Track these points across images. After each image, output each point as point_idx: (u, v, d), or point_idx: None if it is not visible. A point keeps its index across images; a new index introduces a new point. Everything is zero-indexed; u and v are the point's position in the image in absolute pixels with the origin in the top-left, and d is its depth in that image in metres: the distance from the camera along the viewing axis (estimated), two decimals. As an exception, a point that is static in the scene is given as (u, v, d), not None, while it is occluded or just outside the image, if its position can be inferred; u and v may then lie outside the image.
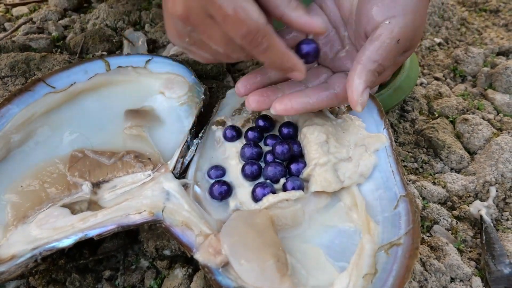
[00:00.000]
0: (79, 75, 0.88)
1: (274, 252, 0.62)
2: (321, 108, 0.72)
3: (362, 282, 0.60)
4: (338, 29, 0.76)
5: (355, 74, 0.65)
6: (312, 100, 0.70)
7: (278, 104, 0.69)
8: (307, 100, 0.70)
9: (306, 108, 0.70)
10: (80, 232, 0.64)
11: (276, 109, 0.69)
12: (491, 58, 1.19)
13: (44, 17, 1.30)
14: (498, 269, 0.73)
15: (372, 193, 0.73)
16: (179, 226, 0.66)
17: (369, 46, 0.65)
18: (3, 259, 0.63)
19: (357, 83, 0.64)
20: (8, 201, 0.72)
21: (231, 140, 0.79)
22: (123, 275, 0.73)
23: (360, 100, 0.65)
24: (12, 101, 0.80)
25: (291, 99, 0.69)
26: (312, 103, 0.70)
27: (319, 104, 0.71)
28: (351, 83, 0.65)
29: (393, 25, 0.65)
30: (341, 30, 0.76)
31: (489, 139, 0.96)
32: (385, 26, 0.65)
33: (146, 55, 0.94)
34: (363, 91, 0.65)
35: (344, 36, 0.76)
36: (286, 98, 0.69)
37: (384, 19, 0.65)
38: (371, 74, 0.65)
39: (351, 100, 0.65)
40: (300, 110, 0.69)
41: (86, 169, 0.76)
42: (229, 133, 0.79)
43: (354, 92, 0.65)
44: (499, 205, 0.86)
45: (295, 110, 0.69)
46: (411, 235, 0.64)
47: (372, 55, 0.65)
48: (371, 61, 0.65)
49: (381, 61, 0.65)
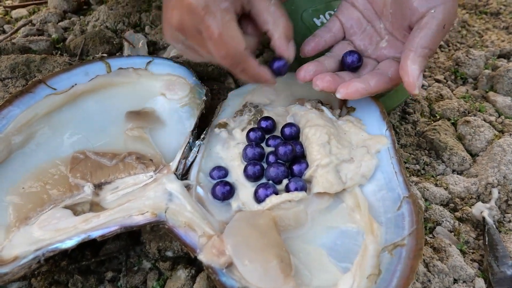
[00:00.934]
0: (80, 77, 0.87)
1: (278, 253, 0.61)
2: (378, 92, 0.78)
3: (366, 282, 0.60)
4: (373, 23, 0.84)
5: (409, 61, 0.72)
6: (372, 84, 0.76)
7: (344, 88, 0.75)
8: (367, 85, 0.76)
9: (368, 92, 0.76)
10: (83, 233, 0.64)
11: (342, 93, 0.75)
12: (492, 60, 1.19)
13: (43, 19, 1.29)
14: (501, 270, 0.73)
15: (375, 194, 0.73)
16: (182, 227, 0.66)
17: (418, 34, 0.73)
18: (6, 260, 0.63)
19: (413, 69, 0.71)
20: (10, 203, 0.71)
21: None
22: (125, 277, 0.73)
23: (417, 83, 0.71)
24: (13, 103, 0.79)
25: (355, 84, 0.75)
26: (372, 86, 0.76)
27: (377, 88, 0.77)
28: (406, 69, 0.72)
29: (438, 13, 0.72)
30: (377, 23, 0.84)
31: (491, 141, 0.96)
32: (430, 14, 0.72)
33: (147, 57, 0.94)
34: (418, 76, 0.72)
35: (381, 28, 0.83)
36: (350, 83, 0.76)
37: (428, 9, 0.72)
38: (423, 59, 0.72)
39: (409, 84, 0.72)
40: (363, 94, 0.76)
41: (88, 171, 0.76)
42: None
43: (410, 77, 0.71)
44: (501, 207, 0.86)
45: (359, 93, 0.75)
46: (414, 236, 0.64)
47: (422, 42, 0.72)
48: (422, 48, 0.72)
49: (431, 46, 0.73)
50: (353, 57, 0.80)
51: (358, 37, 0.85)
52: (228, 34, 0.68)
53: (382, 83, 0.77)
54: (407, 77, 0.71)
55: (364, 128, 0.80)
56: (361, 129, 0.79)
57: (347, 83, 0.76)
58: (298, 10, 0.97)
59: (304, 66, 0.80)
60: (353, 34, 0.86)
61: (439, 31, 0.72)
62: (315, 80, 0.77)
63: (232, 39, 0.68)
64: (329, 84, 0.76)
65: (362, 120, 0.82)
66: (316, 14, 0.97)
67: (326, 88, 0.76)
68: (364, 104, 0.83)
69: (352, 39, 0.86)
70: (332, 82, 0.76)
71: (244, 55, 0.70)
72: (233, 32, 0.69)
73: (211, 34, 0.67)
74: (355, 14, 0.85)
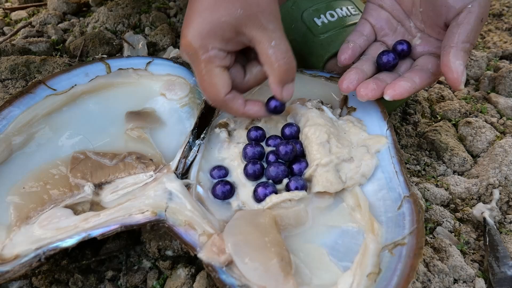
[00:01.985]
0: (80, 78, 0.87)
1: (278, 251, 0.61)
2: (423, 88, 0.80)
3: (366, 281, 0.60)
4: (403, 22, 0.86)
5: (452, 57, 0.72)
6: (417, 81, 0.77)
7: (391, 90, 0.76)
8: (413, 82, 0.77)
9: (415, 89, 0.77)
10: (83, 232, 0.64)
11: (390, 94, 0.76)
12: (494, 61, 1.19)
13: (43, 21, 1.30)
14: (501, 271, 0.73)
15: (376, 194, 0.73)
16: (182, 226, 0.66)
17: (457, 30, 0.73)
18: (7, 259, 0.63)
19: (457, 64, 0.72)
20: (11, 202, 0.71)
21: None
22: (125, 276, 0.73)
23: (462, 79, 0.72)
24: (14, 103, 0.79)
25: (401, 84, 0.76)
26: (417, 83, 0.77)
27: (422, 84, 0.78)
28: (449, 65, 0.72)
29: (475, 7, 0.73)
30: (406, 22, 0.85)
31: (492, 142, 0.96)
32: (468, 10, 0.74)
33: (147, 57, 0.94)
34: (463, 71, 0.72)
35: (411, 27, 0.85)
36: (396, 84, 0.76)
37: (464, 5, 0.74)
38: (465, 54, 0.73)
39: (454, 80, 0.72)
40: (410, 92, 0.76)
41: (88, 171, 0.76)
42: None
43: (455, 73, 0.72)
44: (502, 208, 0.86)
45: (407, 92, 0.76)
46: (415, 235, 0.63)
47: (462, 37, 0.73)
48: (463, 43, 0.73)
49: (472, 41, 0.74)
50: (388, 56, 0.82)
51: (390, 37, 0.86)
52: (210, 81, 0.74)
53: (426, 79, 0.78)
54: (452, 74, 0.72)
55: (365, 128, 0.80)
56: (361, 129, 0.79)
57: (393, 84, 0.76)
58: (299, 9, 0.97)
59: (345, 76, 0.80)
60: (385, 35, 0.87)
61: (477, 25, 0.73)
62: (358, 90, 0.78)
63: (213, 86, 0.74)
64: (374, 92, 0.77)
65: (363, 120, 0.82)
66: (316, 13, 0.98)
67: (372, 97, 0.77)
68: (365, 104, 0.83)
69: (384, 40, 0.87)
70: (377, 89, 0.77)
71: (224, 101, 0.75)
72: (214, 80, 0.73)
73: (200, 78, 0.75)
74: (384, 15, 0.86)
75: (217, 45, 0.72)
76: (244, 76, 0.78)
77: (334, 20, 0.98)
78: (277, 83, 0.73)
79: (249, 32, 0.71)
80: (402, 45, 0.82)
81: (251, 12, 0.69)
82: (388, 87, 0.76)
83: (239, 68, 0.78)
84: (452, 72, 0.72)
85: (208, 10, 0.71)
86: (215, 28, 0.71)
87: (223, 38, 0.71)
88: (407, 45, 0.82)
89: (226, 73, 0.74)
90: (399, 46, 0.83)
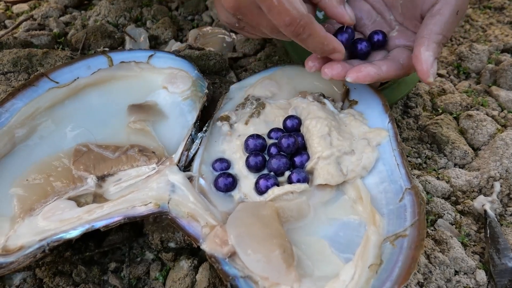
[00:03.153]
0: (82, 70, 0.88)
1: (280, 243, 0.62)
2: (389, 78, 0.77)
3: (367, 272, 0.60)
4: (383, 15, 0.85)
5: (422, 48, 0.71)
6: (383, 69, 0.75)
7: (355, 72, 0.74)
8: (379, 69, 0.75)
9: (380, 76, 0.75)
10: (87, 223, 0.64)
11: (353, 77, 0.74)
12: (495, 55, 1.19)
13: (45, 14, 1.29)
14: (502, 263, 0.74)
15: (377, 186, 0.73)
16: (185, 218, 0.67)
17: (431, 21, 0.72)
18: (12, 250, 0.64)
19: (427, 55, 0.70)
20: (14, 195, 0.72)
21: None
22: (128, 267, 0.73)
23: (431, 71, 0.70)
24: (16, 96, 0.80)
25: (366, 68, 0.74)
26: (384, 71, 0.75)
27: (388, 73, 0.76)
28: (419, 56, 0.71)
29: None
30: (387, 15, 0.84)
31: (493, 135, 0.96)
32: (443, 1, 0.73)
33: (149, 51, 0.94)
34: (432, 63, 0.71)
35: (391, 19, 0.84)
36: (361, 68, 0.74)
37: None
38: (437, 46, 0.71)
39: (422, 72, 0.71)
40: (374, 78, 0.74)
41: (91, 163, 0.76)
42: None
43: (424, 64, 0.70)
44: (503, 200, 0.86)
45: (370, 77, 0.74)
46: (416, 227, 0.64)
47: (435, 28, 0.71)
48: (436, 34, 0.71)
49: (445, 33, 0.72)
50: (361, 44, 0.81)
51: (368, 28, 0.86)
52: (288, 0, 0.67)
53: (394, 69, 0.76)
54: (421, 65, 0.71)
55: (366, 122, 0.80)
56: (362, 122, 0.80)
57: (357, 67, 0.75)
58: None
59: (312, 56, 0.79)
60: (363, 25, 0.86)
61: (452, 17, 0.72)
62: (323, 68, 0.76)
63: (293, 4, 0.67)
64: (339, 71, 0.75)
65: (365, 113, 0.82)
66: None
67: (335, 76, 0.75)
68: (366, 97, 0.83)
69: (362, 30, 0.86)
70: (342, 69, 0.75)
71: (308, 18, 0.68)
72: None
73: (270, 4, 0.67)
74: (366, 7, 0.86)
75: None
76: None
77: None
78: (339, 3, 0.74)
79: None
80: (377, 35, 0.82)
81: None
82: (352, 69, 0.75)
83: None
84: (421, 64, 0.70)
85: None
86: None
87: None
88: (382, 35, 0.82)
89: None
90: (375, 36, 0.82)
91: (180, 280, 0.70)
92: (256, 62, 1.10)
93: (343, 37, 0.79)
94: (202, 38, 1.16)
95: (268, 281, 0.59)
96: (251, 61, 1.12)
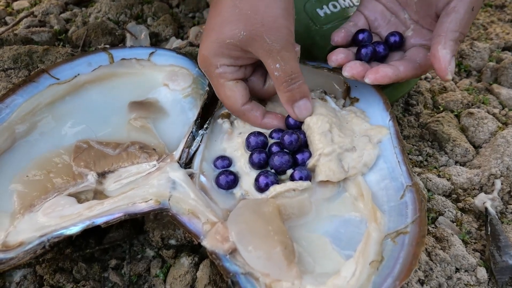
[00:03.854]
0: (83, 67, 0.87)
1: (282, 240, 0.62)
2: (408, 78, 0.78)
3: (368, 269, 0.60)
4: (397, 14, 0.85)
5: (440, 45, 0.71)
6: (401, 69, 0.76)
7: (373, 74, 0.75)
8: (396, 70, 0.76)
9: (398, 77, 0.76)
10: (87, 220, 0.64)
11: (371, 78, 0.75)
12: (496, 53, 1.18)
13: (45, 11, 1.29)
14: (503, 260, 0.74)
15: (378, 184, 0.73)
16: (186, 215, 0.67)
17: (446, 18, 0.72)
18: (12, 246, 0.63)
19: (444, 53, 0.70)
20: (14, 190, 0.72)
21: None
22: (129, 264, 0.73)
23: (449, 68, 0.70)
24: (17, 92, 0.80)
25: (384, 68, 0.75)
26: (401, 71, 0.76)
27: (406, 73, 0.76)
28: (436, 54, 0.71)
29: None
30: (401, 14, 0.85)
31: (494, 132, 0.96)
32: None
33: (150, 48, 0.94)
34: (450, 60, 0.70)
35: (405, 18, 0.84)
36: (379, 69, 0.76)
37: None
38: (454, 43, 0.71)
39: (440, 69, 0.70)
40: (392, 79, 0.75)
41: (91, 160, 0.76)
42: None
43: (442, 62, 0.70)
44: (504, 198, 0.86)
45: (389, 78, 0.75)
46: (417, 224, 0.64)
47: (452, 26, 0.71)
48: (452, 32, 0.71)
49: (461, 30, 0.72)
50: (379, 47, 0.82)
51: (383, 28, 0.86)
52: (224, 94, 0.77)
53: (411, 69, 0.77)
54: (438, 63, 0.70)
55: (367, 119, 0.80)
56: (364, 119, 0.80)
57: (375, 68, 0.76)
58: (301, 0, 0.97)
59: (336, 51, 0.81)
60: (378, 26, 0.87)
61: (468, 14, 0.72)
62: (345, 67, 0.78)
63: (228, 99, 0.77)
64: (359, 71, 0.77)
65: (366, 111, 0.82)
66: (319, 4, 0.97)
67: (356, 75, 0.77)
68: (367, 95, 0.83)
69: (378, 32, 0.87)
70: (362, 69, 0.77)
71: (242, 111, 0.78)
72: (228, 92, 0.77)
73: (217, 91, 0.79)
74: (379, 7, 0.86)
75: (226, 62, 0.75)
76: (264, 84, 0.81)
77: (337, 11, 0.97)
78: (286, 103, 0.77)
79: (255, 52, 0.72)
80: (394, 36, 0.83)
81: (255, 33, 0.70)
82: (370, 70, 0.76)
83: (260, 76, 0.80)
84: (439, 61, 0.70)
85: (214, 31, 0.73)
86: (221, 48, 0.73)
87: (230, 56, 0.74)
88: (399, 36, 0.82)
89: (240, 85, 0.77)
90: (392, 37, 0.83)
91: (180, 277, 0.70)
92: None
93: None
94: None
95: (269, 277, 0.59)
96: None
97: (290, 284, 0.59)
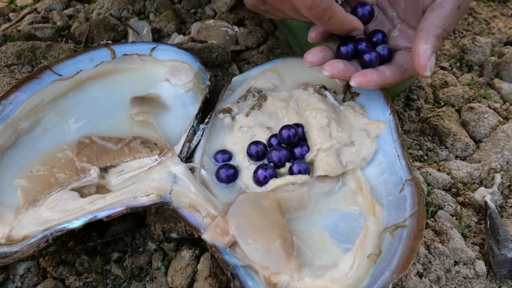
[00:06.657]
0: (85, 63, 0.88)
1: (281, 233, 0.62)
2: (394, 83, 0.76)
3: (366, 262, 0.61)
4: (385, 11, 0.83)
5: (421, 41, 0.69)
6: (387, 74, 0.75)
7: (359, 77, 0.74)
8: (383, 75, 0.75)
9: (384, 82, 0.75)
10: (90, 213, 0.65)
11: (357, 81, 0.73)
12: (498, 47, 1.18)
13: (48, 7, 1.30)
14: (501, 253, 0.74)
15: (377, 178, 0.74)
16: (187, 208, 0.67)
17: (431, 14, 0.71)
18: (16, 240, 0.64)
19: (424, 48, 0.69)
20: (18, 186, 0.73)
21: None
22: (130, 257, 0.74)
23: (428, 64, 0.69)
24: (20, 88, 0.80)
25: (371, 73, 0.74)
26: (387, 77, 0.75)
27: (392, 79, 0.75)
28: (417, 50, 0.69)
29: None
30: (389, 11, 0.83)
31: (495, 127, 0.96)
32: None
33: (151, 43, 0.95)
34: (430, 56, 0.69)
35: (393, 16, 0.82)
36: (366, 73, 0.74)
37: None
38: (436, 39, 0.70)
39: (419, 65, 0.69)
40: (378, 83, 0.74)
41: (94, 155, 0.77)
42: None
43: (421, 57, 0.69)
44: (504, 192, 0.86)
45: (375, 83, 0.74)
46: (416, 217, 0.64)
47: (435, 22, 0.70)
48: (436, 27, 0.70)
49: (445, 27, 0.70)
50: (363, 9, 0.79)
51: (369, 24, 0.84)
52: None
53: (397, 74, 0.76)
54: (418, 59, 0.69)
55: (366, 114, 0.80)
56: (362, 114, 0.80)
57: (362, 72, 0.74)
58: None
59: (312, 50, 0.78)
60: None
61: (453, 11, 0.71)
62: (325, 66, 0.76)
63: None
64: (340, 71, 0.75)
65: (366, 105, 0.82)
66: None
67: (336, 75, 0.75)
68: (368, 89, 0.83)
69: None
70: (345, 69, 0.75)
71: (329, 1, 0.69)
72: None
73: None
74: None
75: None
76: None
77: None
78: None
79: None
80: (377, 34, 0.81)
81: None
82: (356, 74, 0.74)
83: None
84: (419, 57, 0.69)
85: None
86: None
87: None
88: (382, 34, 0.81)
89: None
90: (375, 35, 0.81)
91: (181, 269, 0.71)
92: (259, 55, 1.11)
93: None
94: (204, 31, 1.17)
95: (268, 270, 0.60)
96: (254, 54, 1.12)
97: (288, 277, 0.60)
